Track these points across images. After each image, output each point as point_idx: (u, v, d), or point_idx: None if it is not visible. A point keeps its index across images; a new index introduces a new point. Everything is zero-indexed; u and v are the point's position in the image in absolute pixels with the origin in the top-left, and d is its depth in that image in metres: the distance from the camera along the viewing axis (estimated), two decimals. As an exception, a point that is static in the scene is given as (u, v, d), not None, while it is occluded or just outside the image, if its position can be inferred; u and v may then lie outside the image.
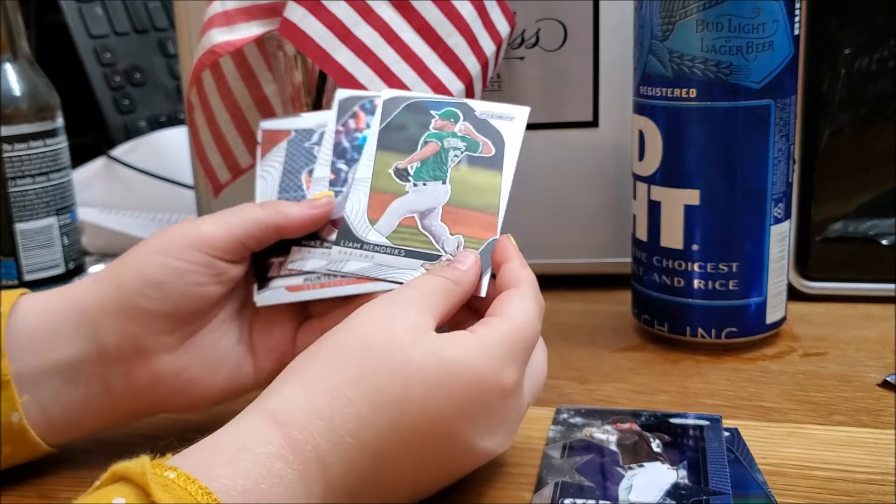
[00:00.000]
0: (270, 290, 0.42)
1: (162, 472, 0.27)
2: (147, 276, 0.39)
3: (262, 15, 0.53)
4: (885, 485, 0.37)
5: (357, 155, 0.44)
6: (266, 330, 0.43)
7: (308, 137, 0.46)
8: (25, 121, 0.58)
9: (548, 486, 0.37)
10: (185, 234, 0.40)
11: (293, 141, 0.46)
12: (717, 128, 0.49)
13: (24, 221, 0.59)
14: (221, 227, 0.40)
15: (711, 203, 0.50)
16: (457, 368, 0.33)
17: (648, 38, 0.50)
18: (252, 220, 0.41)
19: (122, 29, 0.99)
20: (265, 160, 0.46)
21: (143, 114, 0.98)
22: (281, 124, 0.47)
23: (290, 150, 0.46)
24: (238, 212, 0.41)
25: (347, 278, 0.41)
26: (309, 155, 0.45)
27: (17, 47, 0.59)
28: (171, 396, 0.41)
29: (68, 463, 0.42)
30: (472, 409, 0.33)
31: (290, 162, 0.45)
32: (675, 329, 0.52)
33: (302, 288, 0.41)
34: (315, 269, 0.42)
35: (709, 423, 0.42)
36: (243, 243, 0.41)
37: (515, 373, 0.34)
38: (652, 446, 0.40)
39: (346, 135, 0.44)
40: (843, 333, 0.54)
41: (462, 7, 0.53)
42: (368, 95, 0.46)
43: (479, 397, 0.33)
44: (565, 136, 0.62)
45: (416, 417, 0.32)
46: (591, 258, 0.64)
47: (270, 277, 0.42)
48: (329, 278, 0.41)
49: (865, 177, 0.59)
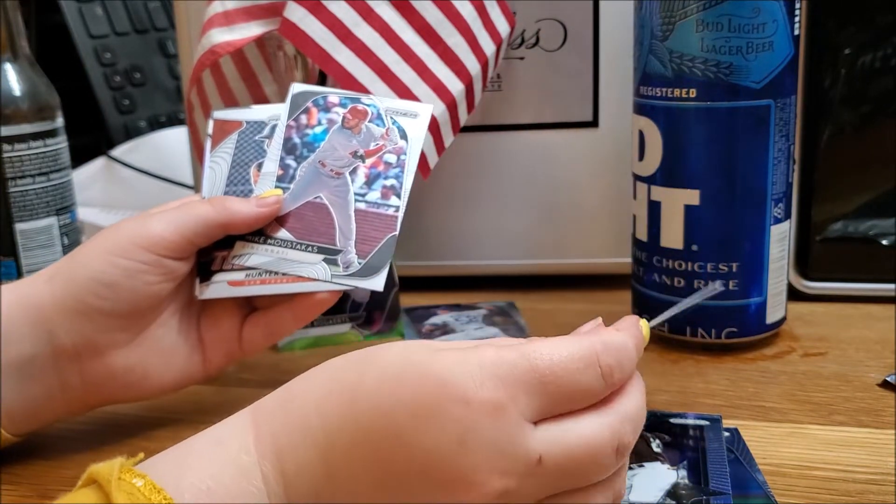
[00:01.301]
0: (213, 285, 0.43)
1: (131, 478, 0.27)
2: (98, 276, 0.40)
3: (262, 15, 0.53)
4: (885, 485, 0.37)
5: (307, 152, 0.44)
6: (213, 323, 0.44)
7: (259, 130, 0.46)
8: (25, 121, 0.58)
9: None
10: (135, 234, 0.40)
11: (244, 133, 0.46)
12: (717, 128, 0.49)
13: (24, 221, 0.59)
14: (171, 226, 0.41)
15: (711, 203, 0.50)
16: (419, 365, 0.28)
17: (648, 38, 0.50)
18: (201, 219, 0.41)
19: (122, 29, 0.99)
20: (215, 151, 0.46)
21: (143, 114, 0.98)
22: (233, 115, 0.47)
23: (241, 143, 0.46)
24: (186, 210, 0.42)
25: (288, 276, 0.42)
26: (259, 148, 0.45)
27: (17, 47, 0.59)
28: (124, 389, 0.42)
29: (68, 463, 0.42)
30: (421, 412, 0.27)
31: (239, 154, 0.45)
32: (675, 329, 0.52)
33: (243, 283, 0.42)
34: (256, 266, 0.42)
35: (709, 423, 0.42)
36: (191, 242, 0.42)
37: (494, 388, 0.27)
38: (652, 446, 0.40)
39: (297, 130, 0.44)
40: (843, 333, 0.54)
41: (462, 7, 0.53)
42: (322, 91, 0.46)
43: (432, 400, 0.27)
44: (565, 136, 0.62)
45: (364, 408, 0.28)
46: (591, 258, 0.64)
47: (213, 271, 0.43)
48: (271, 275, 0.42)
49: (865, 177, 0.59)
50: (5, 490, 0.40)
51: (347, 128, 0.44)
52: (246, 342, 0.44)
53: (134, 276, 0.40)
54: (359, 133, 0.43)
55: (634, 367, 0.31)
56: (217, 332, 0.44)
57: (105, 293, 0.40)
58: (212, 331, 0.44)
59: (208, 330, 0.44)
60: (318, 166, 0.43)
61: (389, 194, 0.41)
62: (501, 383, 0.27)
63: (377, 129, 0.43)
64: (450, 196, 0.63)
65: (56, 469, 0.42)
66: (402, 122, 0.43)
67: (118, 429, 0.45)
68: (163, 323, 0.43)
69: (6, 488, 0.40)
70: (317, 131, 0.44)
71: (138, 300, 0.40)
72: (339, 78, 0.50)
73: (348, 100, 0.44)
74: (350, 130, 0.43)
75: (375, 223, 0.41)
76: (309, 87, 0.46)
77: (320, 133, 0.44)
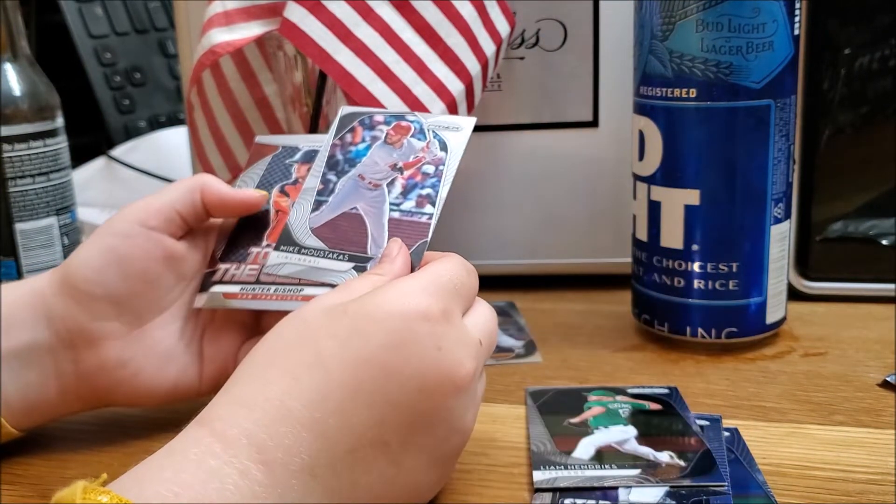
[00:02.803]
0: (208, 294, 0.43)
1: (96, 496, 0.27)
2: (89, 259, 0.41)
3: (262, 15, 0.53)
4: (885, 485, 0.37)
5: (349, 167, 0.44)
6: (215, 337, 0.44)
7: (291, 154, 0.46)
8: (25, 121, 0.58)
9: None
10: (126, 210, 0.42)
11: (277, 156, 0.46)
12: (717, 128, 0.49)
13: (24, 221, 0.59)
14: (156, 197, 0.42)
15: (711, 203, 0.50)
16: (373, 310, 0.32)
17: (648, 38, 0.50)
18: (183, 189, 0.43)
19: (122, 29, 0.99)
20: (246, 172, 0.47)
21: (143, 114, 0.98)
22: (273, 140, 0.47)
23: (272, 165, 0.46)
24: (175, 184, 0.43)
25: (278, 293, 0.41)
26: (286, 171, 0.45)
27: (17, 47, 0.59)
28: (117, 386, 0.42)
29: (70, 463, 0.42)
30: (398, 343, 0.32)
31: (267, 176, 0.46)
32: (675, 329, 0.52)
33: (236, 296, 0.42)
34: (289, 275, 0.42)
35: (709, 423, 0.42)
36: (178, 212, 0.42)
37: (437, 302, 0.33)
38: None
39: (342, 148, 0.45)
40: (843, 333, 0.54)
41: (462, 7, 0.53)
42: (369, 112, 0.46)
43: (401, 329, 0.32)
44: (565, 136, 0.62)
45: (342, 370, 0.31)
46: (591, 258, 0.64)
47: (213, 282, 0.43)
48: (263, 289, 0.41)
49: (865, 177, 0.59)
50: (5, 490, 0.40)
51: (389, 143, 0.44)
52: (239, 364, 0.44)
53: (122, 254, 0.40)
54: (400, 147, 0.43)
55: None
56: (216, 347, 0.44)
57: (94, 277, 0.40)
58: (212, 345, 0.44)
59: (209, 344, 0.44)
60: (358, 179, 0.43)
61: (425, 203, 0.41)
62: (440, 297, 0.34)
63: (418, 143, 0.43)
64: (449, 196, 0.63)
65: (57, 469, 0.42)
66: (443, 135, 0.43)
67: (120, 429, 0.45)
68: (163, 325, 0.43)
69: (6, 488, 0.40)
70: (360, 147, 0.44)
71: (128, 282, 0.41)
72: (339, 78, 0.50)
73: (393, 118, 0.45)
74: (392, 146, 0.43)
75: (407, 230, 0.41)
76: (356, 109, 0.46)
77: (363, 149, 0.44)
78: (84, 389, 0.42)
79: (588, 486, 0.37)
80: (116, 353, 0.41)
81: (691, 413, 0.44)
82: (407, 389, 0.32)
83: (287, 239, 0.42)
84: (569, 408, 0.45)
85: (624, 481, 0.37)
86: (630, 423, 0.43)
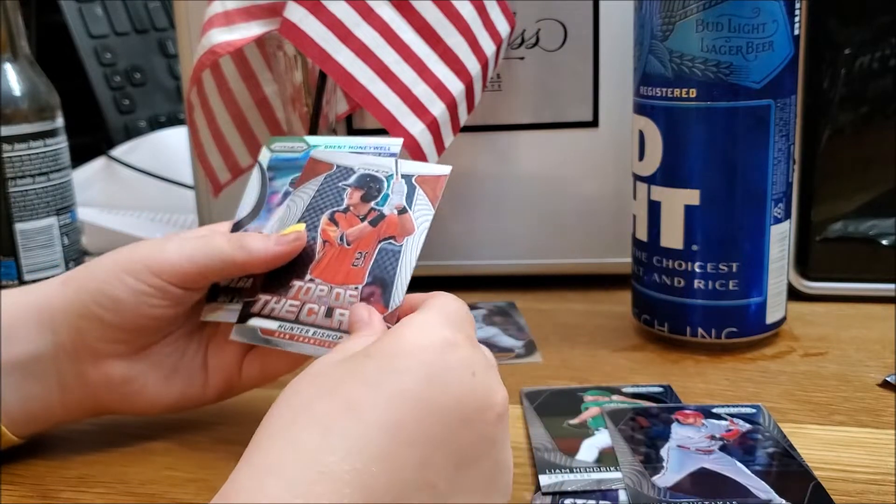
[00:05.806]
0: (246, 327, 0.41)
1: None
2: (105, 289, 0.40)
3: (262, 15, 0.53)
4: (885, 485, 0.37)
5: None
6: (219, 350, 0.44)
7: (345, 177, 0.43)
8: (25, 121, 0.58)
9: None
10: (149, 256, 0.40)
11: (330, 177, 0.44)
12: (717, 128, 0.49)
13: (24, 221, 0.59)
14: (184, 256, 0.40)
15: (711, 203, 0.50)
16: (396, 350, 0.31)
17: (648, 38, 0.50)
18: (216, 255, 0.40)
19: (122, 29, 0.99)
20: (299, 189, 0.44)
21: (143, 114, 0.98)
22: (328, 157, 0.44)
23: (323, 187, 0.43)
24: (206, 241, 0.41)
25: (316, 337, 0.40)
26: (338, 196, 0.43)
27: (17, 47, 0.59)
28: (123, 399, 0.42)
29: (70, 463, 0.42)
30: (431, 372, 0.31)
31: (317, 198, 0.43)
32: (675, 329, 0.52)
33: (273, 334, 0.40)
34: (287, 317, 0.40)
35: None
36: (204, 276, 0.41)
37: (458, 331, 0.33)
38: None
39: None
40: (843, 333, 0.54)
41: (462, 7, 0.53)
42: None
43: (433, 362, 0.31)
44: (565, 136, 0.62)
45: (374, 412, 0.29)
46: (591, 258, 0.64)
47: (252, 314, 0.41)
48: (302, 330, 0.40)
49: (865, 177, 0.59)
50: (6, 490, 0.40)
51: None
52: (244, 376, 0.44)
53: (139, 297, 0.40)
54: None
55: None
56: (221, 359, 0.44)
57: (109, 305, 0.40)
58: (217, 357, 0.44)
59: (214, 356, 0.44)
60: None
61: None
62: (457, 326, 0.33)
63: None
64: (449, 196, 0.63)
65: (58, 469, 0.42)
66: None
67: (121, 430, 0.45)
68: (169, 343, 0.42)
69: (7, 488, 0.40)
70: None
71: (140, 319, 0.40)
72: (339, 78, 0.50)
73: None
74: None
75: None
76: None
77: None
78: (88, 402, 0.42)
79: (595, 489, 0.37)
80: (121, 370, 0.41)
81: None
82: (448, 421, 0.30)
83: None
84: (566, 408, 0.45)
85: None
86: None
